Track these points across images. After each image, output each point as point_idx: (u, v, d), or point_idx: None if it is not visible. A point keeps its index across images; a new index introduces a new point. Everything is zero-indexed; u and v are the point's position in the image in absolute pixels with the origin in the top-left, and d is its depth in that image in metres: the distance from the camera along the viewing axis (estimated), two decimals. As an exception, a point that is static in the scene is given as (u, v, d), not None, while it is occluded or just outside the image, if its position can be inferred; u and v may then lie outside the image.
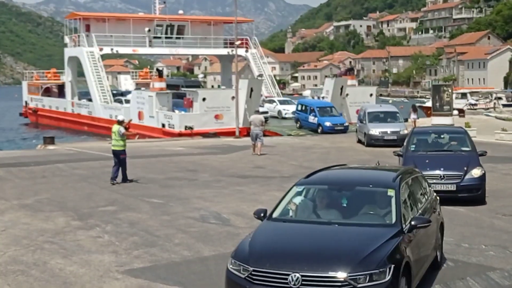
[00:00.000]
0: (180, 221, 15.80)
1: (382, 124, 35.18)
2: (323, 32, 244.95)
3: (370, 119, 35.45)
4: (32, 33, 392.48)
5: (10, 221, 15.92)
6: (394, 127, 34.65)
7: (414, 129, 21.25)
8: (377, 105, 44.01)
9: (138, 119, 50.37)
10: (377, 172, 11.81)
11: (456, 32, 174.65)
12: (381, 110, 37.62)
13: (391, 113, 37.17)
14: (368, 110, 36.56)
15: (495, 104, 67.98)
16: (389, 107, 39.79)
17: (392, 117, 36.54)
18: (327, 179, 10.78)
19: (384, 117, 36.29)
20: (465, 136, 19.58)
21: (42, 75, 77.43)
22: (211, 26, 66.13)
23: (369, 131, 34.32)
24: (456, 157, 18.28)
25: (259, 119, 31.45)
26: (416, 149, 18.99)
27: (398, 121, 36.25)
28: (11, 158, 29.96)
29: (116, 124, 22.02)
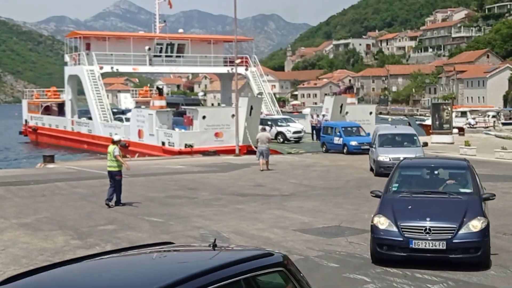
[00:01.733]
0: (180, 240, 15.75)
1: (394, 149, 29.61)
2: (322, 51, 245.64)
3: (381, 143, 30.32)
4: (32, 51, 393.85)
5: (10, 240, 15.89)
6: (408, 153, 27.49)
7: (401, 162, 15.75)
8: (391, 126, 39.67)
9: (138, 137, 50.41)
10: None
11: (455, 50, 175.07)
12: (394, 132, 32.34)
13: (406, 135, 31.70)
14: (380, 132, 31.72)
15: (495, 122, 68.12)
16: (404, 129, 34.98)
17: (408, 140, 31.06)
18: None
19: (398, 141, 31.20)
20: (467, 172, 14.97)
21: (42, 94, 77.52)
22: (211, 44, 66.33)
23: (378, 157, 28.98)
24: (451, 202, 13.54)
25: (266, 136, 33.24)
26: (399, 189, 14.20)
27: (415, 145, 30.48)
28: (11, 176, 29.93)
29: (111, 144, 21.44)
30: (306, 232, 16.56)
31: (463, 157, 17.29)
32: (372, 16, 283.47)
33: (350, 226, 17.37)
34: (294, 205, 21.06)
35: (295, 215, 19.08)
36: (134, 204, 21.29)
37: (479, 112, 73.34)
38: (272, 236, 16.20)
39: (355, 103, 61.58)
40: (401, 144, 30.57)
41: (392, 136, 31.60)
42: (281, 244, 15.18)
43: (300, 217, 18.75)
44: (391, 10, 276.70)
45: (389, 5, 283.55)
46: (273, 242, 15.51)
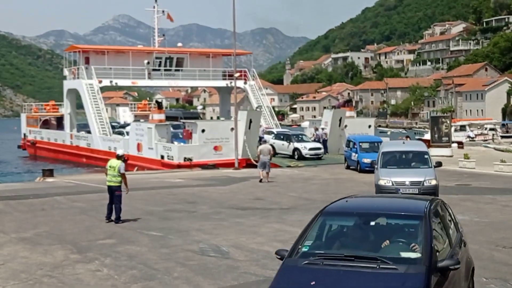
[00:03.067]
0: (179, 254, 15.73)
1: (400, 170, 24.46)
2: (321, 64, 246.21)
3: (384, 163, 25.09)
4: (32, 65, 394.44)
5: (9, 255, 15.85)
6: (416, 175, 23.72)
7: (328, 206, 9.98)
8: (399, 141, 31.98)
9: (137, 150, 50.37)
10: None
11: (453, 63, 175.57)
12: (401, 150, 26.55)
13: (416, 154, 25.80)
14: (384, 149, 26.21)
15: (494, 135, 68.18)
16: (414, 145, 28.23)
17: (418, 159, 25.42)
18: None
19: (405, 160, 25.73)
20: (421, 225, 8.89)
21: (41, 108, 77.55)
22: (209, 58, 66.45)
23: (379, 180, 23.97)
24: (377, 278, 7.95)
25: (268, 149, 33.93)
26: (310, 250, 9.05)
27: (426, 165, 24.86)
28: (10, 190, 29.89)
29: (115, 159, 20.58)
30: (306, 246, 16.49)
31: (433, 197, 11.37)
32: (370, 29, 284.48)
33: (349, 239, 17.30)
34: (294, 218, 21.02)
35: (294, 229, 19.03)
36: (134, 218, 21.25)
37: (478, 125, 73.41)
38: (272, 249, 16.14)
39: (354, 116, 61.57)
40: (408, 165, 25.11)
41: (399, 154, 25.97)
42: (280, 258, 15.13)
43: (299, 231, 18.60)
44: (389, 24, 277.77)
45: (387, 18, 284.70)
46: (273, 256, 15.43)
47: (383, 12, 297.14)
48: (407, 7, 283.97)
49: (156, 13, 68.82)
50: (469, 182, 31.61)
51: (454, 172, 35.86)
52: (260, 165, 33.54)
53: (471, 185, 30.65)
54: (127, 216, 21.40)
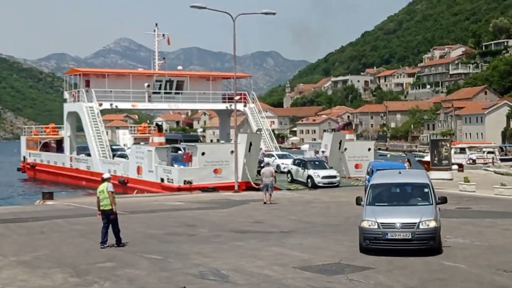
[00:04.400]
0: (179, 277, 15.68)
1: (390, 209, 19.02)
2: (321, 87, 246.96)
3: (372, 199, 19.58)
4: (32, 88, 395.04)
5: (8, 278, 15.79)
6: (410, 215, 18.39)
7: None
8: (394, 172, 22.31)
9: (137, 173, 50.35)
10: None
11: (453, 87, 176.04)
12: (394, 182, 20.41)
13: (414, 187, 20.17)
14: (373, 182, 20.49)
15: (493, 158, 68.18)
16: (411, 176, 21.48)
17: (416, 194, 19.81)
18: None
19: (399, 195, 20.00)
20: None
21: (41, 130, 77.64)
22: (209, 81, 66.67)
23: (362, 221, 18.67)
24: None
25: (270, 171, 34.39)
26: None
27: (425, 202, 19.23)
28: (10, 213, 29.85)
29: (102, 183, 20.25)
30: (306, 270, 16.47)
31: None
32: (370, 53, 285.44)
33: (350, 263, 17.28)
34: (294, 242, 20.97)
35: (294, 252, 19.00)
36: (133, 241, 21.18)
37: (477, 148, 73.47)
38: (272, 273, 16.11)
39: (354, 139, 61.57)
40: (404, 201, 19.54)
41: (392, 187, 20.21)
42: (281, 282, 15.10)
43: (299, 254, 18.66)
44: (389, 47, 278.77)
45: (387, 42, 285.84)
46: (273, 279, 15.43)
47: (382, 36, 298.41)
48: (407, 30, 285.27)
49: (156, 36, 69.14)
50: (469, 206, 31.55)
51: (454, 195, 35.79)
52: (263, 188, 34.04)
53: (472, 208, 30.59)
54: (126, 239, 21.34)
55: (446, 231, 22.21)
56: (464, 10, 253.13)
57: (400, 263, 17.12)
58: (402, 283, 14.95)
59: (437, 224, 18.06)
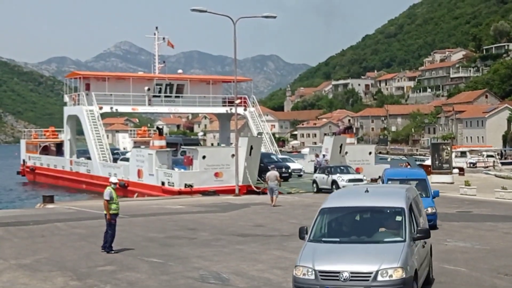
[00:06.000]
0: (180, 281, 15.66)
1: (343, 248, 12.88)
2: (321, 91, 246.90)
3: (318, 232, 13.54)
4: (33, 92, 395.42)
5: (8, 281, 15.78)
6: (367, 260, 12.29)
7: None
8: (359, 189, 15.17)
9: (137, 177, 50.32)
10: None
11: (453, 90, 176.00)
12: (355, 206, 13.92)
13: (381, 214, 13.63)
14: (325, 205, 13.98)
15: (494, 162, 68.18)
16: (381, 196, 14.52)
17: (385, 224, 13.52)
18: None
19: (359, 226, 13.70)
20: None
21: (41, 134, 77.64)
22: (210, 85, 66.64)
23: (295, 267, 12.87)
24: None
25: (274, 175, 34.41)
26: None
27: (395, 237, 13.03)
28: (10, 217, 29.83)
29: (108, 186, 20.25)
30: (307, 273, 16.41)
31: None
32: (370, 56, 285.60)
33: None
34: (295, 245, 20.92)
35: (295, 256, 18.90)
36: (134, 244, 21.16)
37: (478, 152, 73.47)
38: (273, 277, 16.09)
39: (355, 143, 61.61)
40: (365, 233, 13.27)
41: (351, 214, 13.85)
42: (281, 285, 15.08)
43: (300, 258, 18.60)
44: (390, 51, 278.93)
45: (387, 46, 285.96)
46: (274, 283, 15.41)
47: (383, 40, 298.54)
48: (407, 34, 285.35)
49: (156, 40, 69.18)
50: (470, 209, 31.53)
51: (455, 199, 35.78)
52: (269, 191, 34.53)
53: (472, 212, 30.57)
54: (127, 242, 21.34)
55: (447, 235, 22.23)
56: (465, 13, 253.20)
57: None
58: None
59: (405, 273, 12.00)
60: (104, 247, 19.90)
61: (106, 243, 19.88)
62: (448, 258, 18.29)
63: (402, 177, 26.07)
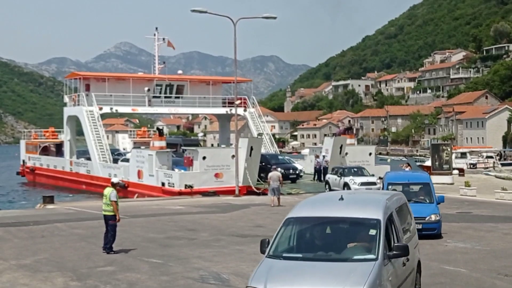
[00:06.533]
0: (180, 281, 15.66)
1: (303, 266, 10.75)
2: (322, 92, 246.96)
3: (279, 246, 11.43)
4: (33, 92, 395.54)
5: (8, 282, 15.78)
6: (328, 282, 10.08)
7: None
8: (333, 197, 12.80)
9: (137, 177, 50.32)
10: None
11: (453, 91, 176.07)
12: (321, 216, 11.72)
13: (353, 226, 11.43)
14: (291, 215, 12.13)
15: (494, 163, 68.20)
16: (357, 204, 12.27)
17: (355, 238, 11.27)
18: None
19: (325, 240, 11.37)
20: None
21: (40, 134, 77.60)
22: (209, 85, 66.60)
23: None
24: None
25: (277, 175, 34.75)
26: None
27: (367, 253, 10.81)
28: (10, 217, 29.82)
29: (109, 187, 20.15)
30: (307, 274, 16.42)
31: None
32: (371, 57, 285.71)
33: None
34: (294, 246, 20.92)
35: (295, 256, 18.96)
36: (134, 245, 21.16)
37: (478, 153, 73.50)
38: (272, 277, 16.06)
39: (355, 144, 61.61)
40: (333, 249, 11.11)
41: (318, 225, 11.74)
42: (281, 286, 15.05)
43: (300, 258, 18.60)
44: (390, 52, 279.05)
45: (387, 46, 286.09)
46: (274, 283, 15.38)
47: (383, 40, 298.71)
48: (408, 35, 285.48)
49: (156, 40, 69.18)
50: (470, 210, 31.54)
51: (455, 200, 35.79)
52: (270, 191, 34.50)
53: (472, 213, 30.57)
54: (127, 243, 21.35)
55: (447, 236, 22.23)
56: (465, 14, 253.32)
57: (401, 268, 17.07)
58: None
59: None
60: (105, 248, 19.88)
61: (107, 243, 19.85)
62: (448, 259, 18.29)
63: (404, 181, 24.20)
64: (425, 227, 21.52)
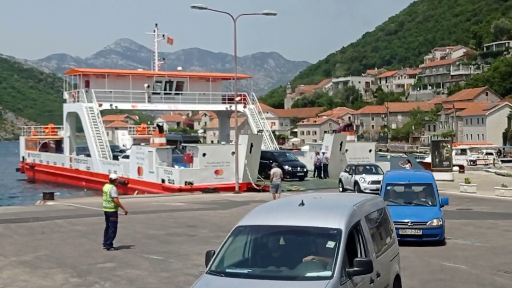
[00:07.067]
0: (180, 278, 15.66)
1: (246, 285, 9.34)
2: (322, 88, 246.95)
3: (223, 261, 10.06)
4: (33, 89, 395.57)
5: (9, 278, 15.78)
6: None
7: None
8: (292, 203, 11.07)
9: (137, 174, 50.29)
10: None
11: (454, 88, 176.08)
12: (274, 225, 10.13)
13: (306, 236, 9.71)
14: (241, 223, 11.17)
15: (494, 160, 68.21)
16: (313, 211, 10.39)
17: (309, 251, 9.41)
18: None
19: (277, 254, 9.68)
20: None
21: (40, 131, 77.51)
22: (209, 82, 66.49)
23: None
24: None
25: (280, 172, 34.76)
26: None
27: (319, 270, 9.03)
28: (10, 214, 29.82)
29: (108, 183, 20.12)
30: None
31: None
32: (371, 54, 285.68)
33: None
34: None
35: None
36: (134, 241, 21.17)
37: (478, 149, 73.52)
38: (272, 274, 16.07)
39: (355, 141, 61.59)
40: (285, 263, 9.38)
41: (270, 236, 10.23)
42: (281, 282, 15.05)
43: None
44: (390, 48, 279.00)
45: (388, 43, 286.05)
46: (274, 280, 15.38)
47: (383, 37, 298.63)
48: (408, 31, 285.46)
49: (156, 37, 69.08)
50: (470, 207, 31.54)
51: (455, 197, 35.77)
52: (273, 188, 34.31)
53: (472, 209, 30.58)
54: (127, 239, 21.35)
55: (447, 232, 22.21)
56: (465, 11, 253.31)
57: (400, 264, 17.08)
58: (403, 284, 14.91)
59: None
60: (105, 244, 19.89)
61: (107, 240, 19.86)
62: (448, 256, 18.30)
63: (405, 181, 22.36)
64: (425, 233, 19.96)
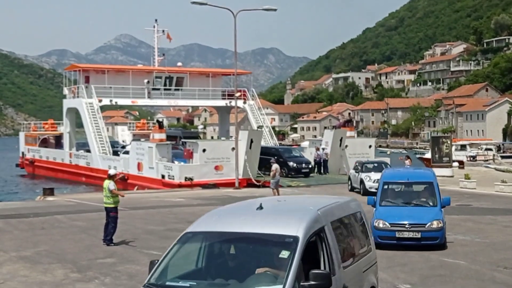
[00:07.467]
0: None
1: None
2: (322, 84, 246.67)
3: (166, 272, 8.42)
4: (33, 84, 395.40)
5: (9, 274, 15.80)
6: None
7: None
8: (250, 205, 9.92)
9: (137, 170, 50.31)
10: None
11: (454, 84, 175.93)
12: (228, 231, 8.74)
13: (259, 244, 8.48)
14: (191, 228, 9.05)
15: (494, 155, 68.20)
16: (274, 213, 9.45)
17: (262, 262, 8.18)
18: None
19: (230, 263, 8.47)
20: None
21: (40, 126, 77.50)
22: (209, 78, 66.45)
23: None
24: None
25: (279, 168, 35.31)
26: None
27: (274, 284, 7.79)
28: (10, 209, 29.85)
29: (106, 179, 20.33)
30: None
31: None
32: (371, 50, 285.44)
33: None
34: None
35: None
36: (134, 237, 21.19)
37: (478, 145, 73.52)
38: (272, 269, 16.09)
39: (355, 137, 61.58)
40: (237, 275, 8.18)
41: (224, 243, 8.86)
42: (281, 278, 15.08)
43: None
44: (390, 44, 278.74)
45: (388, 39, 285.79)
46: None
47: (384, 33, 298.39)
48: (408, 27, 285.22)
49: (156, 32, 69.01)
50: (470, 203, 31.55)
51: (455, 192, 35.78)
52: (274, 184, 34.60)
53: (472, 205, 30.59)
54: (127, 235, 21.37)
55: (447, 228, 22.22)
56: (466, 7, 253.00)
57: (400, 260, 17.13)
58: (402, 280, 14.96)
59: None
60: (105, 239, 19.93)
61: (107, 235, 19.90)
62: (447, 251, 18.33)
63: (403, 180, 20.85)
64: (424, 236, 18.65)
